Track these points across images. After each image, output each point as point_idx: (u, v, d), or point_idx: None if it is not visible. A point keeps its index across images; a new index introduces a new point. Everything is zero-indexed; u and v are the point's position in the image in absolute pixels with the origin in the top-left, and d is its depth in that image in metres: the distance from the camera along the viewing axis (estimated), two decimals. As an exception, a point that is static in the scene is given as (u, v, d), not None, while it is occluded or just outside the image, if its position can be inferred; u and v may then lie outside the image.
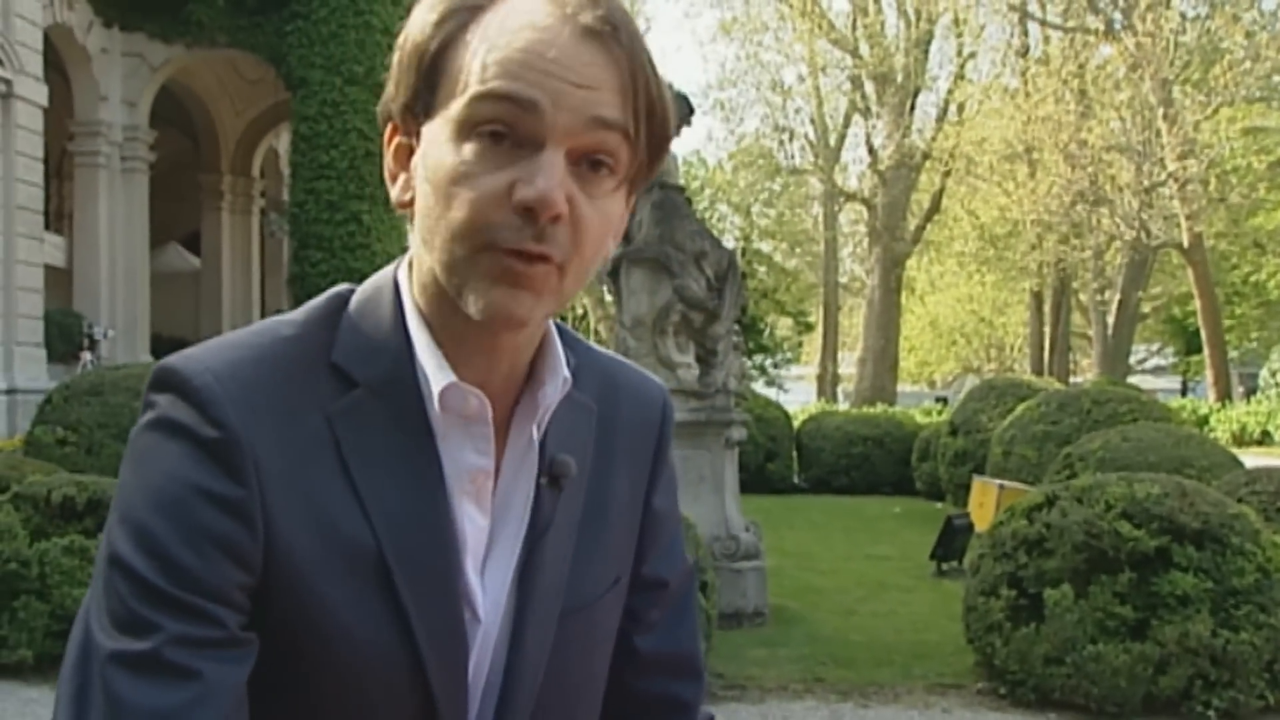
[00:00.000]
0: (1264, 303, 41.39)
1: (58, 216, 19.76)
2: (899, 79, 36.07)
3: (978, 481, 10.58)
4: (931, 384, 53.69)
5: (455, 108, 0.87)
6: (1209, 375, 33.25)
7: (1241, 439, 25.22)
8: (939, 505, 13.22)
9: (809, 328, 48.98)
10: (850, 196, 40.20)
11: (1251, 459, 10.43)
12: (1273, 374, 29.01)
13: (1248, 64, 30.35)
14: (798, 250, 45.24)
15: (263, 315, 23.26)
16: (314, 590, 0.88)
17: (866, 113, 38.03)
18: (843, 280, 44.16)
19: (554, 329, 0.99)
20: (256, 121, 22.48)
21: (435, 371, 0.92)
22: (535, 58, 0.86)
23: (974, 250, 38.84)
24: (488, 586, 0.96)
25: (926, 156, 36.33)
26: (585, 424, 1.03)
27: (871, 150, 37.48)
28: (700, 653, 1.18)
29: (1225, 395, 31.92)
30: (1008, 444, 11.31)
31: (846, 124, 40.32)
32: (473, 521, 0.95)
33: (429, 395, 0.93)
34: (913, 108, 37.07)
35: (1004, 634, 5.85)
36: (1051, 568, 5.82)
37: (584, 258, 0.89)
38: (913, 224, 37.75)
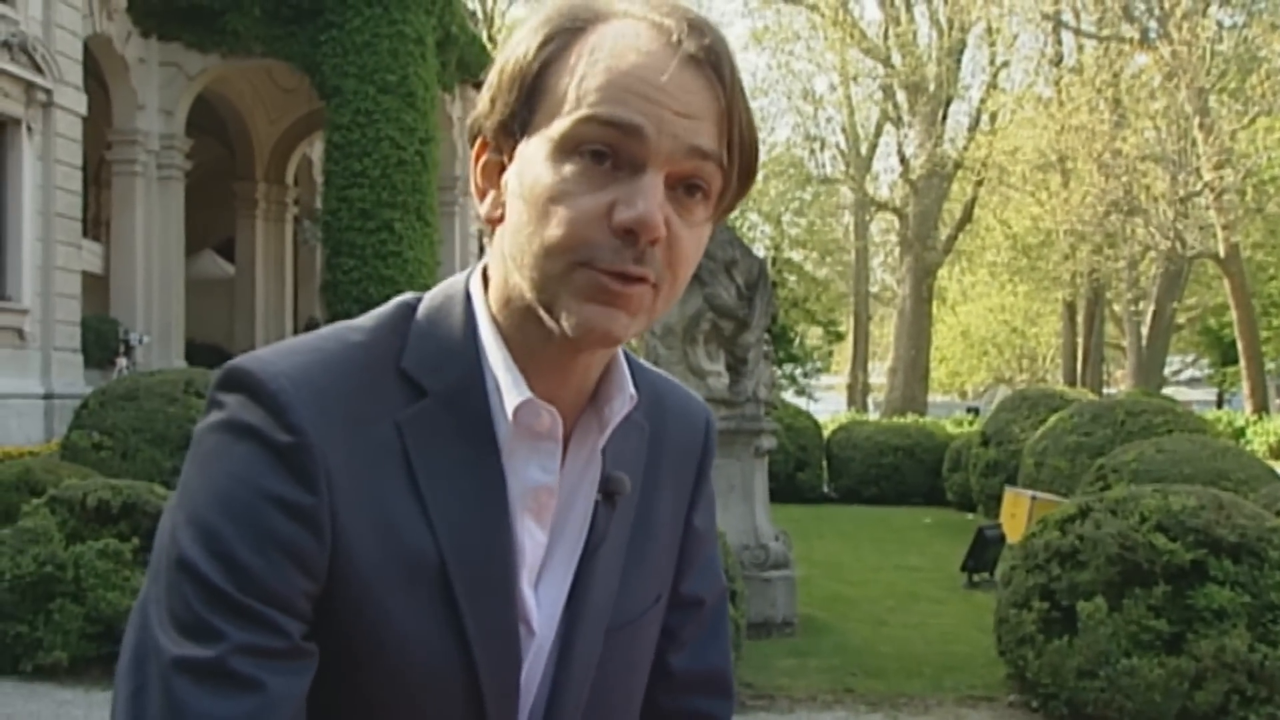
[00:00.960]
0: (1301, 314, 40.92)
1: (95, 224, 19.98)
2: (931, 88, 35.95)
3: (1010, 493, 10.49)
4: (963, 394, 53.39)
5: (557, 127, 0.87)
6: (1245, 387, 32.89)
7: (1278, 452, 24.92)
8: (970, 516, 13.14)
9: (839, 337, 48.83)
10: (881, 206, 40.09)
11: (1288, 472, 10.29)
12: (1310, 386, 28.63)
13: (1286, 73, 30.06)
14: (828, 259, 45.13)
15: (296, 322, 23.42)
16: (375, 599, 0.88)
17: (898, 122, 37.94)
18: (873, 290, 44.02)
19: (620, 351, 0.99)
20: (291, 130, 22.66)
21: (510, 386, 0.92)
22: (641, 83, 0.86)
23: (1006, 260, 38.59)
24: (542, 601, 0.97)
25: (958, 166, 36.18)
26: (638, 441, 1.03)
27: (903, 159, 37.37)
28: (731, 671, 1.19)
29: (1262, 407, 31.56)
30: (1040, 455, 11.22)
31: (878, 133, 40.24)
32: (532, 537, 0.95)
33: (499, 408, 0.93)
34: (945, 117, 36.95)
35: (1036, 646, 5.80)
36: (1085, 580, 5.77)
37: (677, 279, 0.90)
38: (944, 233, 37.58)
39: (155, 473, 8.65)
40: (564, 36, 0.90)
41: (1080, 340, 38.65)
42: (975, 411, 35.32)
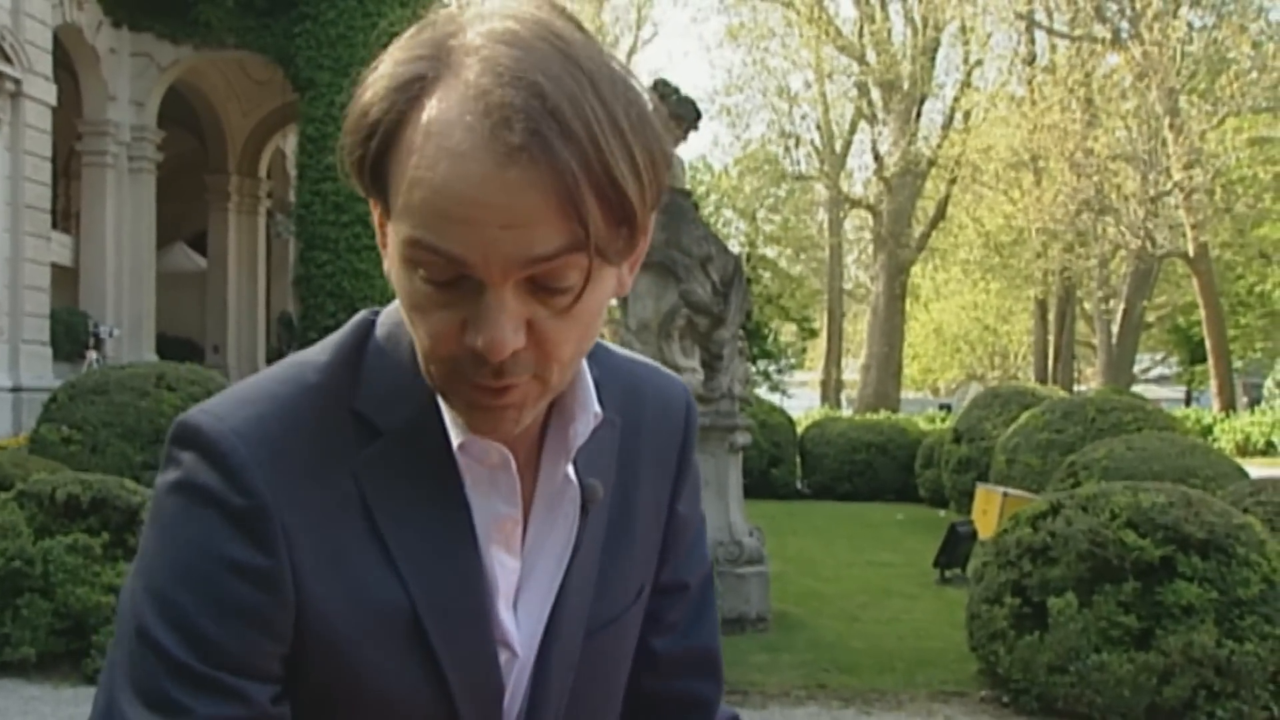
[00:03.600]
0: (1269, 313, 41.34)
1: (65, 215, 19.80)
2: (905, 86, 36.09)
3: (981, 489, 10.58)
4: (935, 391, 53.65)
5: (398, 235, 0.82)
6: (1213, 385, 33.23)
7: (1245, 449, 25.19)
8: (942, 512, 13.21)
9: (813, 334, 48.98)
10: (855, 203, 40.23)
11: (1255, 469, 10.42)
12: (1277, 384, 28.97)
13: (1254, 74, 30.36)
14: (802, 256, 45.27)
15: (268, 316, 23.26)
16: (348, 654, 0.87)
17: (873, 119, 38.07)
18: (847, 286, 44.16)
19: (584, 365, 0.95)
20: (264, 122, 22.52)
21: (452, 425, 0.90)
22: (454, 203, 0.78)
23: (979, 258, 38.82)
24: (522, 621, 0.96)
25: (932, 164, 36.36)
26: (608, 442, 1.00)
27: (877, 157, 37.50)
28: (719, 651, 1.17)
29: (1229, 405, 31.89)
30: (1012, 452, 11.30)
31: (852, 130, 40.37)
32: (503, 565, 0.94)
33: (455, 449, 0.91)
34: (919, 115, 37.11)
35: (1007, 642, 5.84)
36: (1055, 576, 5.81)
37: (564, 360, 0.85)
38: (918, 231, 37.76)
39: (125, 467, 8.58)
40: (401, 103, 0.82)
41: (1051, 338, 38.93)
42: (947, 408, 35.51)
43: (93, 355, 16.65)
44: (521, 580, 0.96)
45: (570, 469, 0.94)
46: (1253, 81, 30.30)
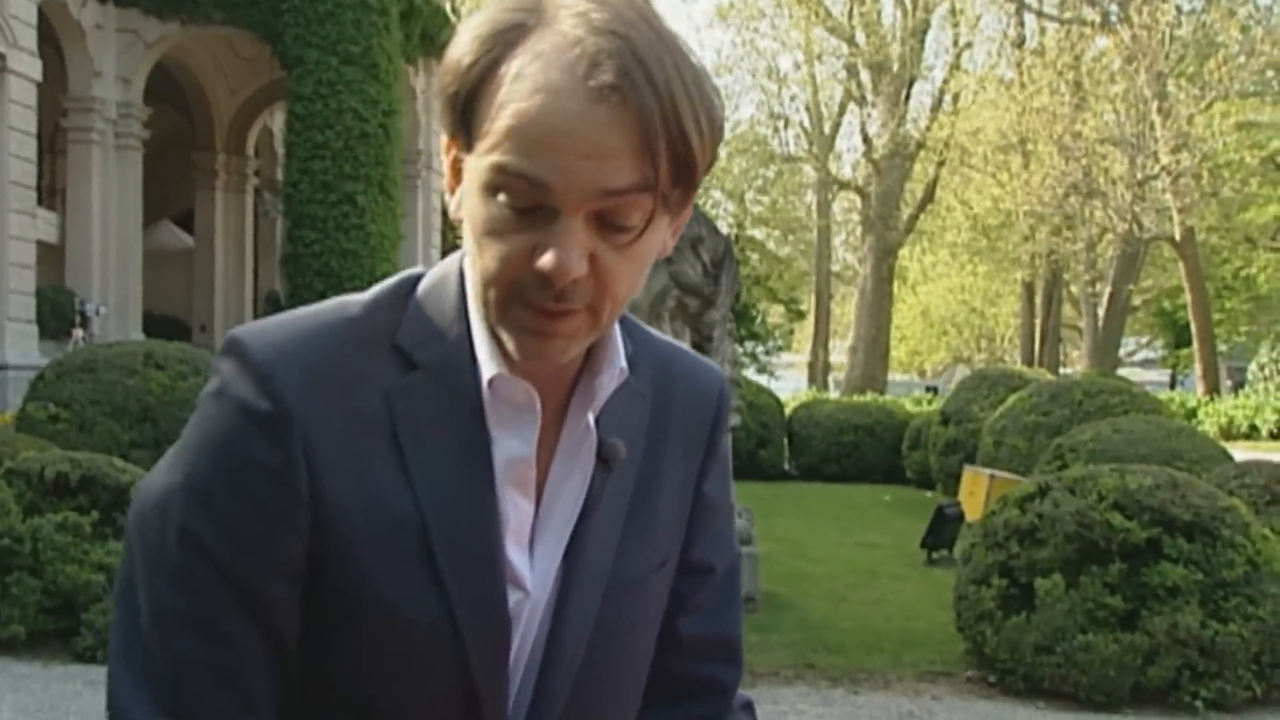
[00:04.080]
0: (1253, 297, 41.51)
1: (50, 192, 19.65)
2: (895, 68, 36.08)
3: (969, 471, 10.62)
4: (922, 373, 53.82)
5: (482, 164, 0.88)
6: (1198, 368, 33.40)
7: (1229, 432, 25.34)
8: (929, 494, 13.27)
9: (801, 315, 49.04)
10: (844, 185, 40.27)
11: (1239, 452, 10.49)
12: (1261, 368, 29.15)
13: (1242, 59, 30.43)
14: (790, 238, 45.29)
15: (256, 295, 23.18)
16: (359, 558, 0.92)
17: (862, 101, 38.06)
18: (835, 268, 44.23)
19: (615, 325, 1.01)
20: (251, 100, 22.38)
21: (486, 361, 0.95)
22: (546, 132, 0.85)
23: (966, 240, 38.92)
24: (537, 563, 0.99)
25: (921, 146, 36.39)
26: (638, 410, 1.05)
27: (866, 139, 37.51)
28: (741, 639, 1.20)
29: (1213, 388, 32.07)
30: (999, 434, 11.34)
31: (841, 112, 40.36)
32: (515, 506, 0.97)
33: (484, 385, 0.96)
34: (908, 97, 37.13)
35: (995, 623, 5.88)
36: (1043, 557, 5.85)
37: (617, 296, 0.92)
38: (906, 213, 37.82)
39: (113, 445, 8.55)
40: (498, 51, 0.89)
41: (1038, 321, 39.07)
42: (934, 390, 35.63)
43: (79, 333, 16.56)
44: (538, 524, 0.99)
45: (591, 419, 0.99)
46: (1240, 66, 30.38)
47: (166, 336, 12.85)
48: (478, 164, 0.89)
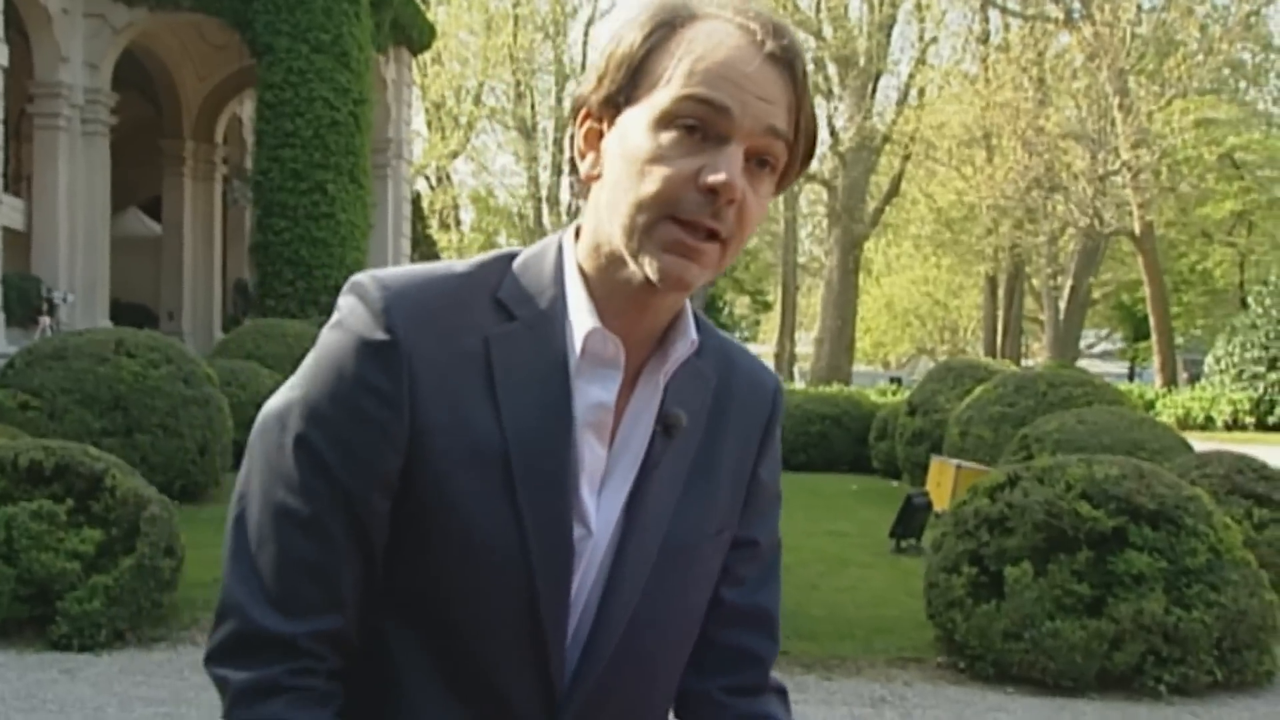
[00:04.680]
0: (1210, 291, 42.11)
1: (16, 179, 19.39)
2: (861, 62, 36.27)
3: (935, 461, 10.74)
4: (886, 364, 54.18)
5: (659, 102, 1.04)
6: (1156, 361, 33.86)
7: (1185, 423, 25.72)
8: (895, 484, 13.41)
9: (767, 307, 49.26)
10: (810, 177, 40.35)
11: (1196, 443, 10.66)
12: (1217, 360, 29.55)
13: (1200, 56, 30.84)
14: (757, 229, 45.35)
15: (224, 283, 23.00)
16: (446, 480, 1.05)
17: (829, 94, 38.22)
18: (801, 260, 44.41)
19: (687, 302, 1.15)
20: (220, 87, 22.17)
21: (584, 317, 1.08)
22: (731, 71, 1.03)
23: (931, 233, 39.25)
24: (602, 508, 1.11)
25: (886, 139, 36.61)
26: (703, 389, 1.18)
27: (833, 132, 37.68)
28: (778, 616, 1.30)
29: (1171, 380, 32.53)
30: (965, 424, 11.48)
31: (808, 105, 40.42)
32: (592, 450, 1.09)
33: (573, 337, 1.08)
34: (874, 91, 37.34)
35: (965, 610, 6.00)
36: (1012, 546, 5.98)
37: (742, 237, 1.07)
38: (871, 206, 38.06)
39: (85, 434, 8.53)
40: (665, 30, 1.06)
41: (1000, 313, 39.45)
42: (898, 381, 35.94)
43: (46, 321, 16.38)
44: (606, 472, 1.11)
45: (661, 380, 1.12)
46: (1199, 64, 30.79)
47: (134, 324, 12.78)
48: (651, 105, 1.04)
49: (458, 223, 47.83)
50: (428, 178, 45.30)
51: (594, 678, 1.11)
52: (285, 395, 1.08)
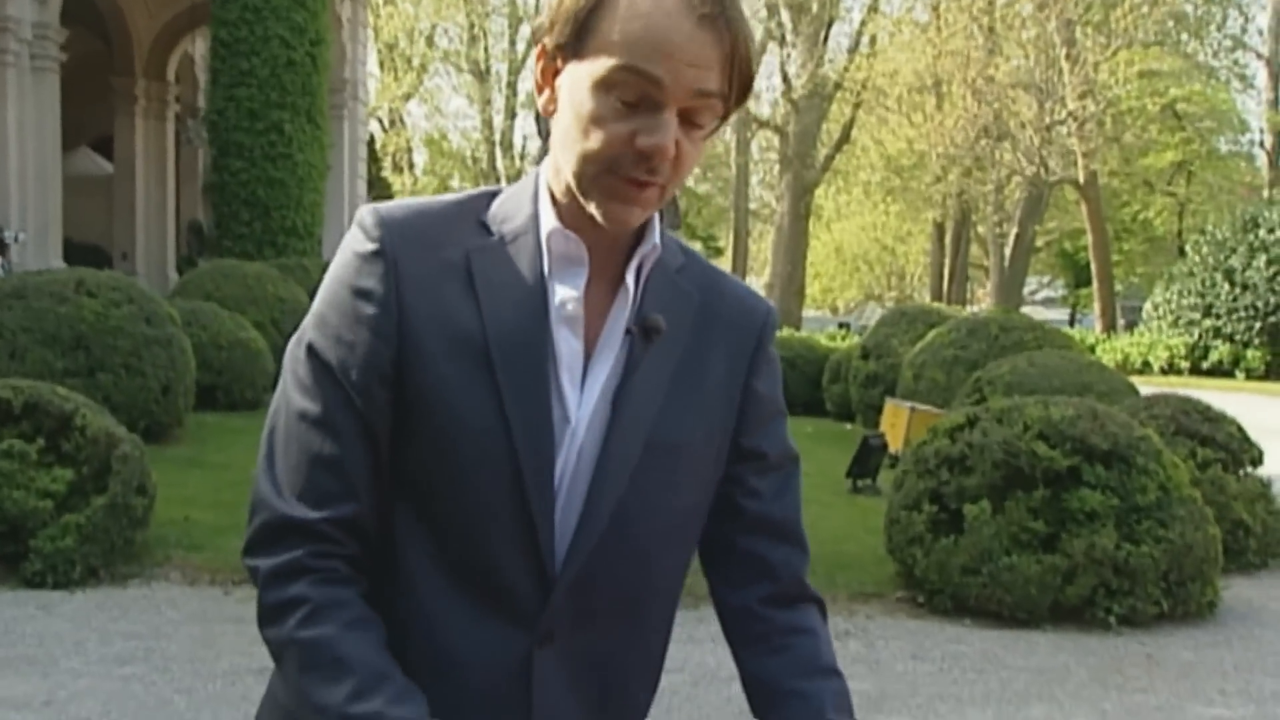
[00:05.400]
0: (1150, 239, 42.83)
1: (-39, 116, 18.90)
2: (814, 8, 36.19)
3: (890, 404, 10.94)
4: (834, 310, 54.59)
5: (600, 67, 1.12)
6: (1096, 307, 34.51)
7: (1124, 368, 26.29)
8: (849, 426, 13.62)
9: (718, 252, 49.29)
10: (763, 124, 40.41)
11: (1138, 387, 10.96)
12: (1155, 307, 30.15)
13: (1145, 8, 31.13)
14: (709, 175, 45.40)
15: (178, 223, 22.64)
16: (434, 371, 1.16)
17: (782, 41, 38.13)
18: (752, 206, 44.48)
19: (654, 215, 1.26)
20: (171, 25, 21.65)
21: (546, 221, 1.21)
22: (664, 42, 1.10)
23: (880, 180, 39.47)
24: (583, 400, 1.20)
25: (838, 86, 36.67)
26: (685, 303, 1.27)
27: (785, 78, 37.65)
28: (800, 526, 1.38)
29: (1110, 327, 33.20)
30: (918, 368, 11.68)
31: (761, 51, 40.34)
32: (568, 343, 1.20)
33: (544, 242, 1.21)
34: (826, 38, 37.31)
35: (925, 546, 6.21)
36: (971, 484, 6.19)
37: (681, 177, 1.17)
38: (823, 153, 38.16)
39: (47, 373, 8.47)
40: None
41: (947, 260, 39.88)
42: (846, 327, 36.23)
43: None
44: (588, 366, 1.21)
45: (630, 280, 1.22)
46: (1144, 15, 31.12)
47: (87, 264, 12.60)
48: (593, 66, 1.12)
49: (411, 166, 47.33)
50: (380, 120, 44.71)
51: (583, 561, 1.19)
52: (306, 318, 1.22)
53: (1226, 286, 28.19)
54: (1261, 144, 42.27)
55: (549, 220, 1.20)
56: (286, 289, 13.12)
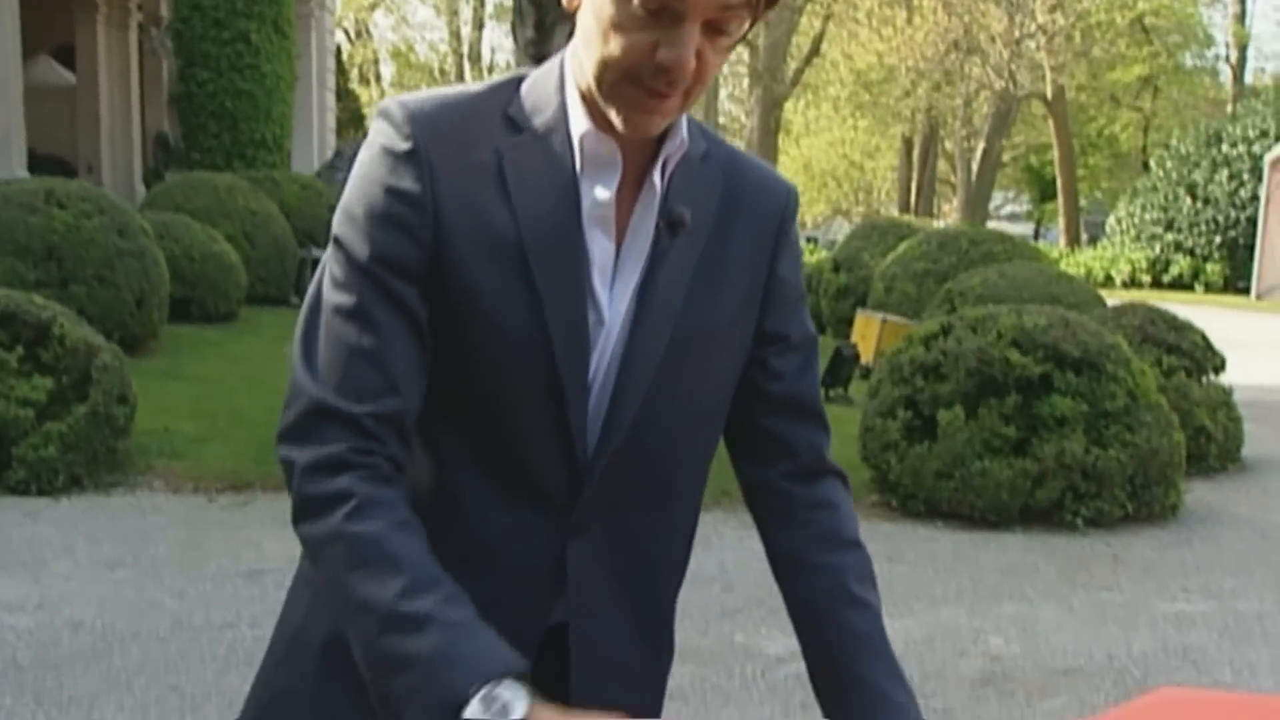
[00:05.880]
0: (1115, 154, 43.03)
1: (-88, 22, 18.38)
2: (783, -85, 35.66)
3: (861, 315, 11.05)
4: (803, 224, 54.51)
5: None
6: (1061, 222, 34.78)
7: (1086, 282, 26.57)
8: (820, 337, 13.74)
9: (685, 167, 48.99)
10: (731, 36, 39.93)
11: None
12: (1119, 221, 30.42)
13: (1119, -82, 30.90)
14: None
15: (144, 135, 22.21)
16: (470, 274, 1.15)
17: (750, -51, 37.58)
18: (721, 121, 44.20)
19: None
20: (132, -72, 21.11)
21: (579, 122, 1.18)
22: None
23: (849, 95, 39.24)
24: (614, 299, 1.22)
25: (808, -1, 36.28)
26: (709, 190, 1.27)
27: (754, -12, 37.14)
28: (821, 403, 1.42)
29: (1074, 241, 33.47)
30: (890, 280, 11.79)
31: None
32: (599, 244, 1.20)
33: (575, 144, 1.18)
34: (797, -53, 36.80)
35: (899, 452, 6.34)
36: (945, 391, 6.31)
37: (704, 84, 1.15)
38: (792, 67, 37.86)
39: (18, 284, 8.38)
40: None
41: (915, 175, 39.92)
42: (814, 241, 36.29)
43: (-43, 171, 15.79)
44: (617, 265, 1.22)
45: (656, 178, 1.22)
46: (1116, -74, 30.87)
47: (51, 175, 12.44)
48: None
49: (378, 78, 46.57)
50: (346, 31, 43.88)
51: (614, 453, 1.22)
52: (336, 213, 1.20)
53: (1189, 201, 28.45)
54: (1227, 59, 42.37)
55: (579, 119, 1.18)
56: (257, 201, 12.99)
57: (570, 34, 1.20)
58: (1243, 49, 40.62)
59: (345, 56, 37.46)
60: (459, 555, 1.18)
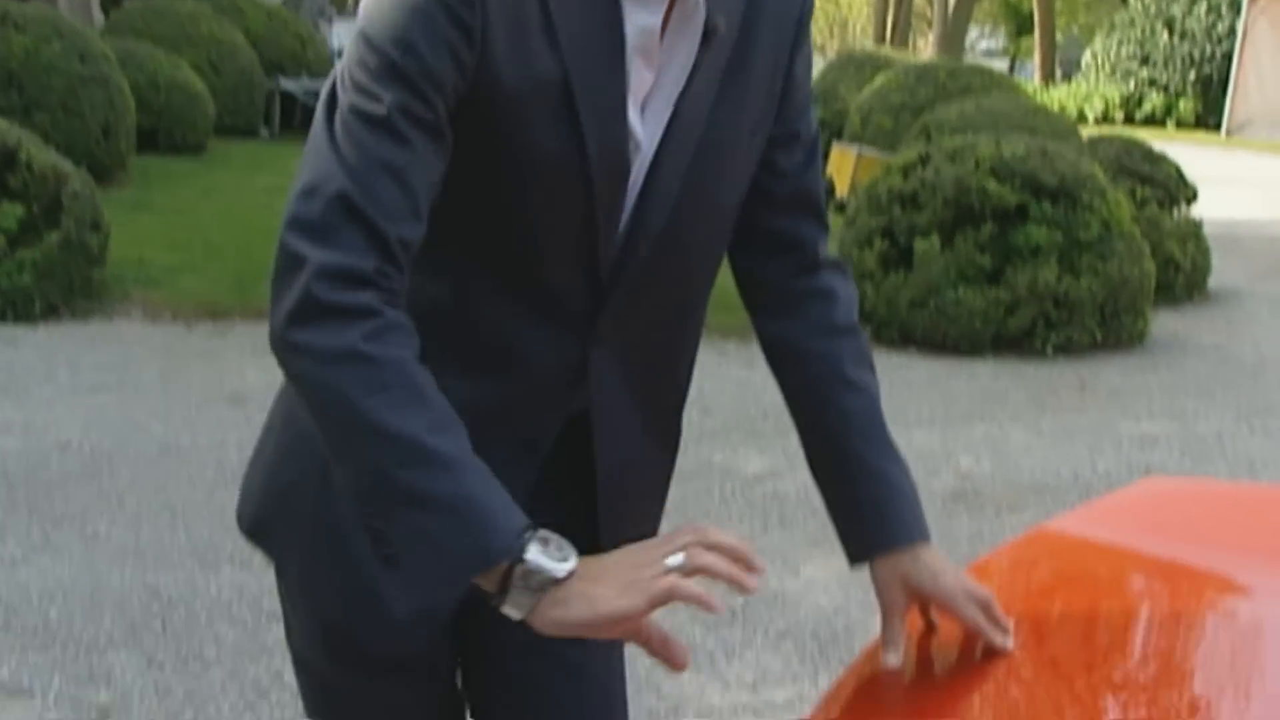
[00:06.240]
0: (1094, -13, 42.21)
1: None
2: None
3: (837, 148, 10.96)
4: (775, 60, 53.57)
5: None
6: (1036, 57, 34.31)
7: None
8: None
9: None
10: None
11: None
12: (1095, 57, 30.07)
13: None
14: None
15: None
16: (515, 106, 1.13)
17: None
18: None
19: None
20: None
21: None
22: None
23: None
24: (648, 122, 1.22)
25: None
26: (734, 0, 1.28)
27: None
28: (823, 200, 1.44)
29: (1049, 76, 33.13)
30: (866, 113, 11.68)
31: None
32: (639, 73, 1.20)
33: None
34: None
35: (875, 281, 6.40)
36: (922, 221, 6.35)
37: None
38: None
39: (-20, 113, 8.21)
40: None
41: (890, 9, 39.10)
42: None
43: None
44: (653, 91, 1.22)
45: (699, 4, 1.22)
46: None
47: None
48: None
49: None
50: None
51: (635, 266, 1.25)
52: (364, 19, 1.12)
53: (1165, 35, 28.10)
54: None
55: None
56: (222, 29, 12.60)
57: None
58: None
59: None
60: (482, 358, 1.22)
